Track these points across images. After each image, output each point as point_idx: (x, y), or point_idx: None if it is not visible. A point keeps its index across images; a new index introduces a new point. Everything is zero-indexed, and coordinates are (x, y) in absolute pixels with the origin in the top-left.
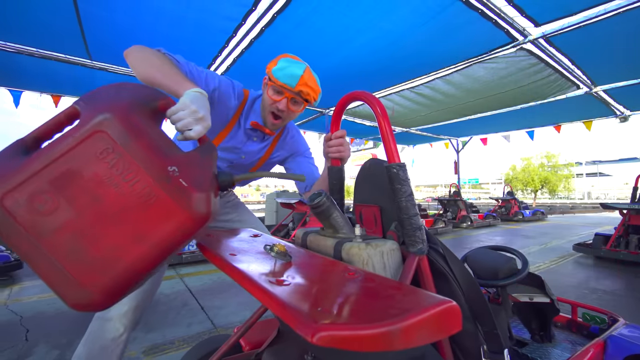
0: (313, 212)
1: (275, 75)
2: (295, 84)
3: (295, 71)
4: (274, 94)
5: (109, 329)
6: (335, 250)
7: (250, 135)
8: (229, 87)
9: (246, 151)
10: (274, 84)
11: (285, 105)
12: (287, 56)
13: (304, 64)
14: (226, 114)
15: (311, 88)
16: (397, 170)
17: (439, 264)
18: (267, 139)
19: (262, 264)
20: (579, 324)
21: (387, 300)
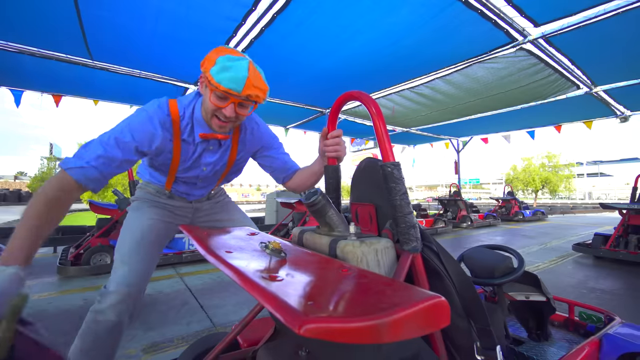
0: (309, 210)
1: (216, 79)
2: (242, 89)
3: (240, 73)
4: (217, 100)
5: (103, 320)
6: (330, 248)
7: (204, 147)
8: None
9: (206, 163)
10: (216, 89)
11: (232, 112)
12: (224, 51)
13: (246, 60)
14: (165, 146)
15: (259, 89)
16: (391, 169)
17: (433, 262)
18: (224, 144)
19: (257, 261)
20: (575, 323)
21: (378, 295)
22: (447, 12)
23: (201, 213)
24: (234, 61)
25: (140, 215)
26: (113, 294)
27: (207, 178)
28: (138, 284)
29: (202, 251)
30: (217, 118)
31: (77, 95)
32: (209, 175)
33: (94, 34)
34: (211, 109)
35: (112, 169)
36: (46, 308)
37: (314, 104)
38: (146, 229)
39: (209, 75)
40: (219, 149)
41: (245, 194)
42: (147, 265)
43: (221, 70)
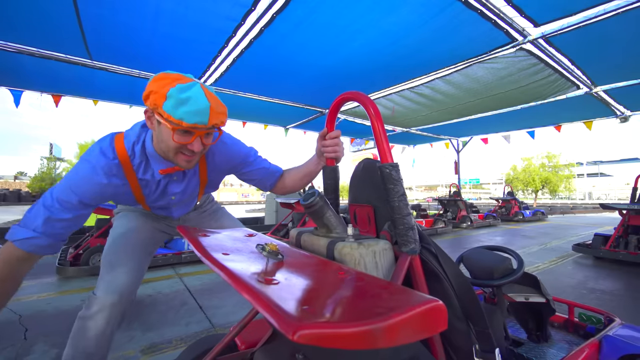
0: (306, 211)
1: (175, 116)
2: (207, 120)
3: (200, 103)
4: (180, 137)
5: (92, 327)
6: (328, 250)
7: (168, 180)
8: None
9: (173, 193)
10: (179, 126)
11: (199, 145)
12: (170, 79)
13: (196, 84)
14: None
15: (222, 113)
16: (389, 171)
17: (431, 264)
18: (189, 172)
19: (253, 264)
20: (575, 324)
21: (374, 299)
22: (446, 12)
23: (189, 223)
24: (187, 90)
25: (127, 221)
26: (102, 300)
27: (180, 203)
28: (127, 289)
29: (198, 253)
30: (183, 154)
31: (77, 95)
32: (180, 200)
33: (93, 33)
34: (174, 147)
35: (65, 230)
36: (45, 309)
37: (314, 104)
38: (133, 233)
39: (162, 111)
40: (185, 177)
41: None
42: (136, 270)
43: (178, 104)
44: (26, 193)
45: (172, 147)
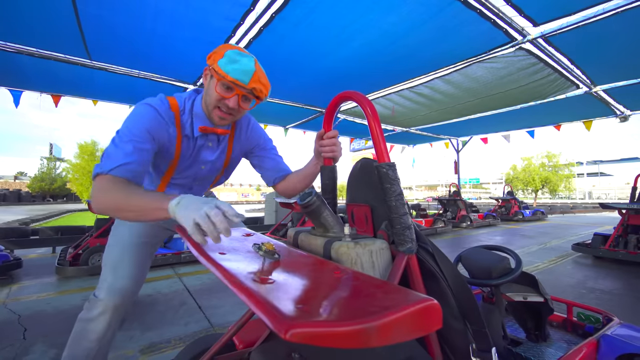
0: (303, 211)
1: (224, 70)
2: (249, 81)
3: (248, 66)
4: (223, 91)
5: (93, 329)
6: (324, 250)
7: (203, 143)
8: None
9: (204, 161)
10: (224, 79)
11: (235, 103)
12: (233, 47)
13: (252, 57)
14: (168, 139)
15: (264, 85)
16: (386, 170)
17: (428, 263)
18: (222, 141)
19: (250, 263)
20: (574, 324)
21: (369, 298)
22: (446, 12)
23: None
24: (242, 56)
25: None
26: (104, 303)
27: (203, 180)
28: (130, 291)
29: (195, 252)
30: (219, 109)
31: (76, 95)
32: (205, 175)
33: (92, 33)
34: (215, 99)
35: (147, 160)
36: (45, 308)
37: (313, 104)
38: (135, 234)
39: (216, 66)
40: (217, 146)
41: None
42: (138, 271)
43: (230, 62)
44: (26, 193)
45: (214, 98)
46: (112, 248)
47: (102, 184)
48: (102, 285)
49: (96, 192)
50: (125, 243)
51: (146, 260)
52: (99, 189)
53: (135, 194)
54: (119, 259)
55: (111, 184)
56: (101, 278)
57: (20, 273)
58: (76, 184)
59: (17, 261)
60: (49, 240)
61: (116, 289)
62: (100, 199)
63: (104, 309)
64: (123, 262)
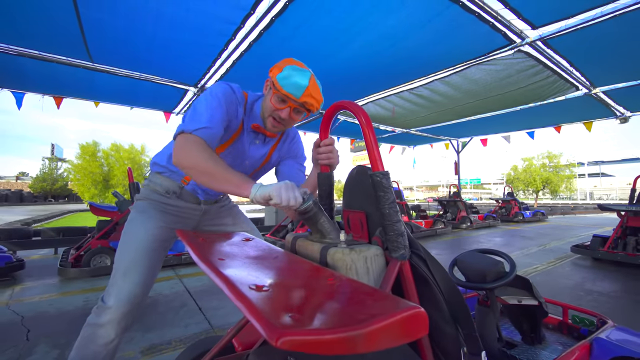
0: (301, 217)
1: (280, 83)
2: (300, 95)
3: (301, 81)
4: (277, 102)
5: (102, 335)
6: (321, 255)
7: (252, 139)
8: (232, 99)
9: (250, 156)
10: (279, 92)
11: (287, 115)
12: (293, 63)
13: (308, 72)
14: (234, 120)
15: (315, 99)
16: (380, 179)
17: (420, 269)
18: (268, 142)
19: (247, 270)
20: (569, 326)
21: (359, 305)
22: (444, 15)
23: (208, 216)
24: (299, 71)
25: (147, 220)
26: (114, 310)
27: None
28: (140, 297)
29: (195, 258)
30: (273, 118)
31: (78, 97)
32: (244, 170)
33: (94, 37)
34: (270, 109)
35: (221, 127)
36: (47, 310)
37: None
38: (151, 238)
39: (275, 79)
40: (263, 146)
41: None
42: (149, 277)
43: (286, 77)
44: (28, 194)
45: (269, 108)
46: (124, 252)
47: (185, 141)
48: (112, 290)
49: (179, 149)
50: (139, 247)
51: (157, 265)
52: (182, 146)
53: (221, 163)
54: (131, 264)
55: (195, 143)
56: (111, 282)
57: (22, 274)
58: (77, 184)
59: (20, 262)
60: (51, 241)
61: (125, 296)
62: (182, 155)
63: (113, 316)
64: (135, 268)
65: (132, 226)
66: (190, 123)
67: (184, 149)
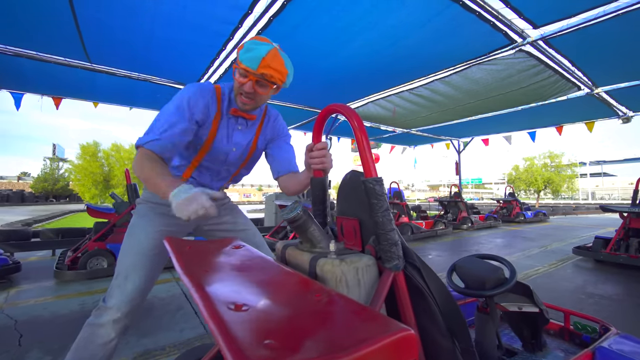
0: (290, 226)
1: (240, 58)
2: (257, 67)
3: (258, 53)
4: (239, 77)
5: (101, 335)
6: (310, 266)
7: (234, 125)
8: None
9: (235, 142)
10: (239, 66)
11: (250, 87)
12: (255, 38)
13: (270, 45)
14: (208, 117)
15: (275, 70)
16: (373, 185)
17: (415, 280)
18: (251, 126)
19: (231, 284)
20: (571, 332)
21: (344, 327)
22: (445, 14)
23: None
24: (258, 44)
25: (147, 224)
26: (115, 311)
27: (230, 166)
28: (140, 300)
29: (179, 269)
30: (241, 95)
31: (77, 98)
32: (233, 161)
33: (91, 37)
34: (236, 86)
35: (178, 138)
36: (41, 313)
37: (314, 106)
38: (152, 242)
39: (237, 56)
40: (246, 130)
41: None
42: (150, 279)
43: (245, 51)
44: (29, 194)
45: (236, 85)
46: (126, 255)
47: (137, 155)
48: (114, 291)
49: (133, 162)
50: (140, 251)
51: (158, 268)
52: (135, 160)
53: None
54: (132, 267)
55: (143, 156)
56: (113, 284)
57: (19, 277)
58: (78, 184)
59: (16, 265)
60: (49, 242)
61: (127, 297)
62: (134, 168)
63: (114, 316)
64: (136, 271)
65: (133, 230)
66: (144, 135)
67: (134, 163)
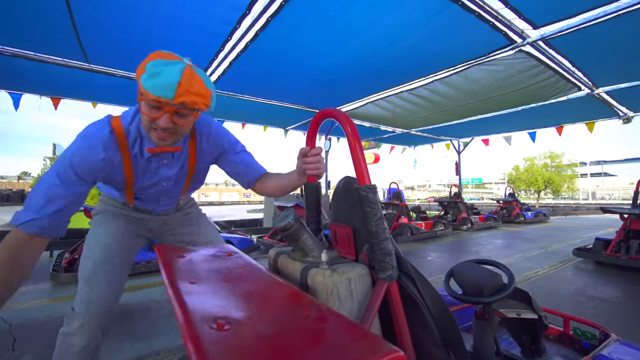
0: (281, 235)
1: (145, 87)
2: (173, 95)
3: (170, 78)
4: (150, 110)
5: (74, 342)
6: (301, 276)
7: (156, 162)
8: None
9: (165, 178)
10: (146, 97)
11: (168, 122)
12: (158, 56)
13: (181, 64)
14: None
15: (196, 94)
16: (366, 193)
17: (409, 290)
18: (178, 156)
19: (217, 297)
20: (571, 338)
21: (332, 348)
22: (444, 15)
23: (169, 226)
24: (165, 65)
25: (104, 230)
26: (82, 316)
27: (168, 193)
28: (107, 302)
29: (165, 281)
30: (155, 130)
31: (76, 98)
32: (170, 189)
33: (89, 37)
34: (147, 121)
35: (66, 208)
36: (37, 317)
37: (313, 106)
38: (110, 243)
39: (140, 83)
40: (175, 161)
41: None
42: (115, 281)
43: (150, 76)
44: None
45: (145, 120)
46: (85, 259)
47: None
48: (78, 297)
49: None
50: (97, 254)
51: (124, 268)
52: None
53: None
54: (92, 271)
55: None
56: (77, 290)
57: None
58: None
59: None
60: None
61: (92, 301)
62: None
63: (82, 321)
64: (97, 273)
65: (90, 239)
66: (24, 211)
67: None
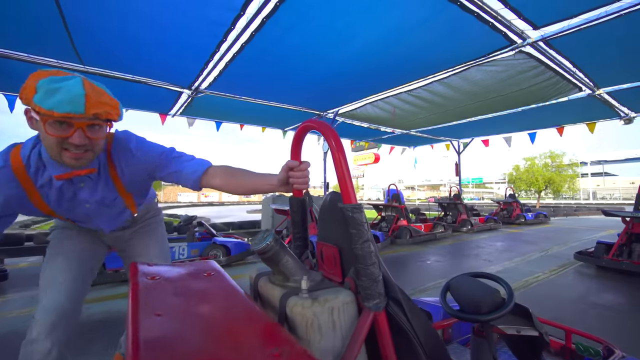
0: (260, 257)
1: (45, 106)
2: (85, 108)
3: (73, 91)
4: (57, 130)
5: (37, 350)
6: (280, 305)
7: (72, 186)
8: None
9: (86, 201)
10: (51, 117)
11: (82, 138)
12: (44, 75)
13: (76, 77)
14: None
15: (106, 104)
16: (352, 213)
17: (399, 319)
18: (98, 176)
19: (178, 334)
20: (572, 352)
21: None
22: (442, 15)
23: (120, 242)
24: (62, 81)
25: (58, 243)
26: (41, 322)
27: (101, 212)
28: (67, 307)
29: (130, 310)
30: (68, 151)
31: None
32: (99, 210)
33: (82, 38)
34: (55, 143)
35: None
36: (22, 327)
37: (311, 107)
38: (68, 249)
39: (34, 105)
40: (94, 183)
41: None
42: (74, 287)
43: (48, 94)
44: None
45: (52, 143)
46: (45, 267)
47: None
48: (38, 305)
49: None
50: (58, 260)
51: (83, 274)
52: None
53: None
54: (51, 277)
55: None
56: (38, 298)
57: (6, 285)
58: None
59: (3, 273)
60: (41, 248)
61: (51, 308)
62: None
63: (42, 328)
64: (54, 281)
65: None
66: None
67: None
